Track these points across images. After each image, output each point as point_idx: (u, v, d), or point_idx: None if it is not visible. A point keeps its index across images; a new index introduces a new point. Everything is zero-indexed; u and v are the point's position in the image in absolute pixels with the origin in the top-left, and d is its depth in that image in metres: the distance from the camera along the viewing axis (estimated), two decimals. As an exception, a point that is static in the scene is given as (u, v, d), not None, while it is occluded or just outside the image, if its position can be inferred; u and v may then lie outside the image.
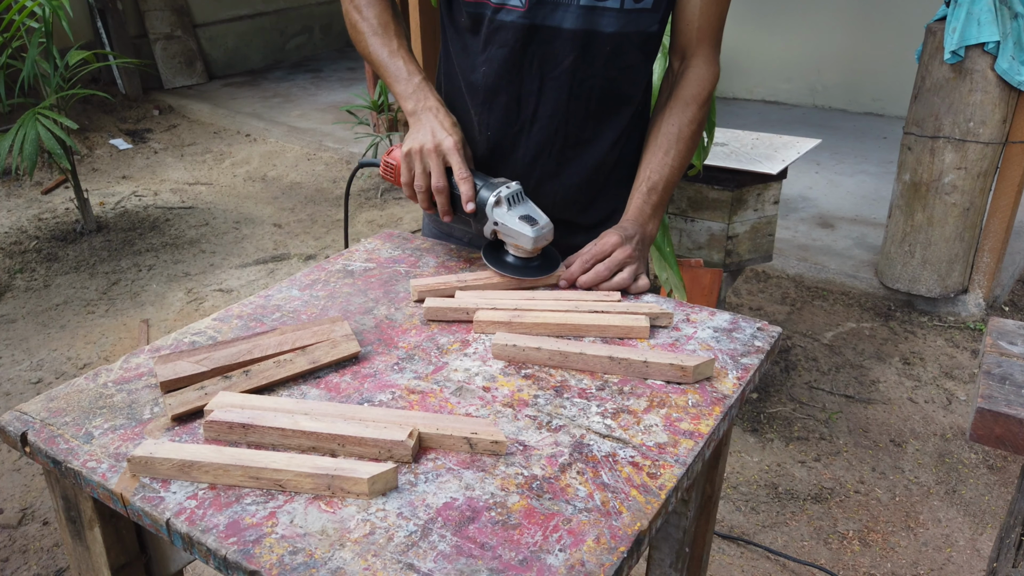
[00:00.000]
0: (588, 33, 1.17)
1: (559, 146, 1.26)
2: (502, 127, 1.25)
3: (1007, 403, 0.93)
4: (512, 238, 1.14)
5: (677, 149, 1.23)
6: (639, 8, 1.16)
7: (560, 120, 1.23)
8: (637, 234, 1.19)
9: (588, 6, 1.15)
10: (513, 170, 1.28)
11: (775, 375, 2.82)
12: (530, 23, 1.17)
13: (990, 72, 2.73)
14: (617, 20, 1.16)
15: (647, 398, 0.93)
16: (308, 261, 3.80)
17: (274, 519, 0.75)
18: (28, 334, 3.19)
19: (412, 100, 1.20)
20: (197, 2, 6.93)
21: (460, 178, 1.14)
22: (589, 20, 1.16)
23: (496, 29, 1.19)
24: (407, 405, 0.92)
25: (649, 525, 0.74)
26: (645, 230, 1.22)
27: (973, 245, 3.08)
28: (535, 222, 1.13)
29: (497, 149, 1.27)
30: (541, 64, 1.20)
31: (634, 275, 1.16)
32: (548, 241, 1.15)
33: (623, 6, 1.16)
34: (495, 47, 1.20)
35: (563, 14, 1.16)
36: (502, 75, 1.21)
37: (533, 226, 1.12)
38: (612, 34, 1.17)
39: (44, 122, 3.52)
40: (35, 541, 2.17)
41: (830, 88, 5.76)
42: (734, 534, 2.14)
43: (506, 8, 1.17)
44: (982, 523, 2.17)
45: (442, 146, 1.14)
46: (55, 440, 0.86)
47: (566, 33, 1.17)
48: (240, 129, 5.88)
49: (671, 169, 1.23)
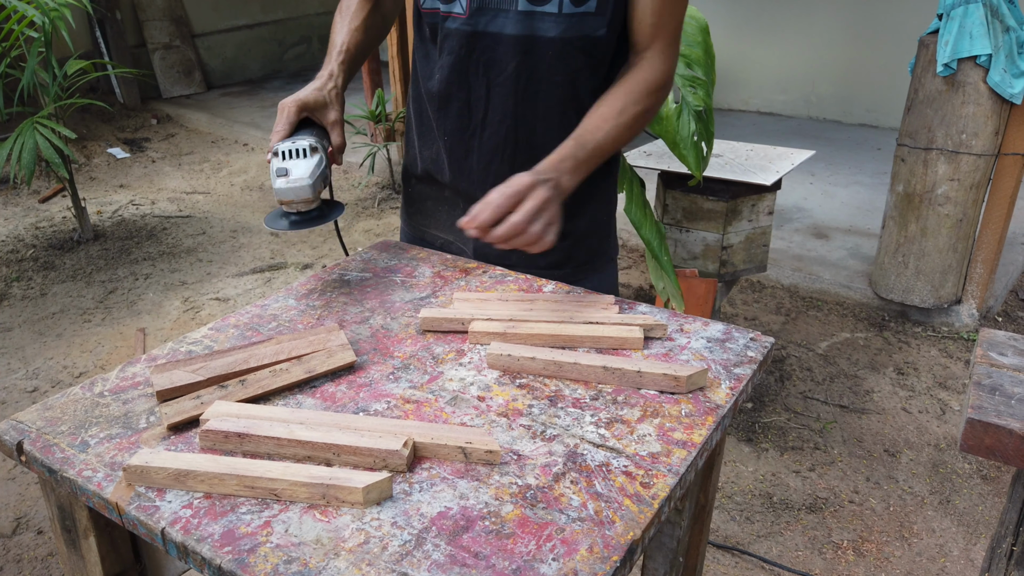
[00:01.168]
0: (529, 38, 1.19)
1: (511, 150, 1.28)
2: (456, 132, 1.30)
3: (997, 414, 0.94)
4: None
5: (617, 121, 1.18)
6: (581, 12, 1.18)
7: (510, 125, 1.26)
8: (552, 179, 1.09)
9: (527, 11, 1.18)
10: (470, 173, 1.32)
11: (770, 385, 2.82)
12: (472, 30, 1.21)
13: (982, 85, 2.76)
14: (557, 25, 1.18)
15: (640, 408, 0.93)
16: (305, 270, 3.81)
17: (269, 528, 0.75)
18: (24, 343, 3.18)
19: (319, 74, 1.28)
20: (196, 12, 6.96)
21: (274, 131, 1.20)
22: (529, 26, 1.18)
23: (445, 37, 1.24)
24: (402, 414, 0.92)
25: (642, 534, 0.75)
26: (560, 179, 1.11)
27: (966, 256, 3.10)
28: (286, 174, 1.14)
29: (453, 153, 1.32)
30: (487, 70, 1.23)
31: (547, 225, 1.05)
32: (299, 197, 1.14)
33: (562, 10, 1.17)
34: (445, 54, 1.25)
35: (503, 20, 1.19)
36: (452, 81, 1.26)
37: (281, 177, 1.14)
38: (553, 39, 1.19)
39: (42, 131, 3.53)
40: (29, 550, 2.16)
41: (825, 100, 5.80)
42: (728, 544, 2.14)
43: (452, 16, 1.22)
44: (976, 533, 2.18)
45: (284, 102, 1.21)
46: (51, 449, 0.86)
47: (507, 39, 1.20)
48: (238, 138, 5.89)
49: (605, 136, 1.16)
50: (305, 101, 1.21)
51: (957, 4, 2.71)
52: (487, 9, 1.19)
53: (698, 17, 2.07)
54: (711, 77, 2.15)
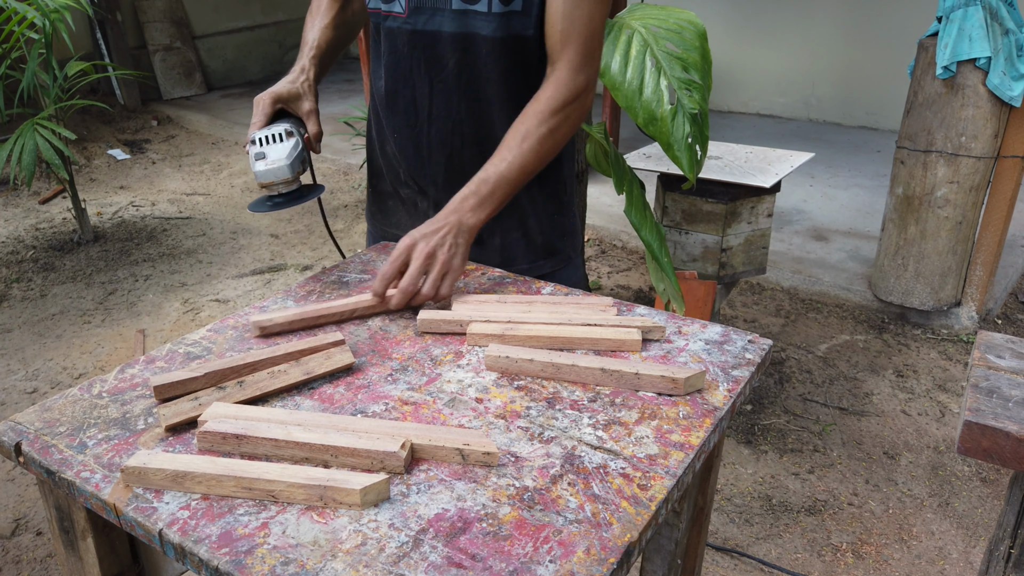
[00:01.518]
0: (467, 36, 1.22)
1: (459, 145, 1.31)
2: (404, 129, 1.33)
3: (994, 416, 0.94)
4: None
5: (519, 149, 1.18)
6: (509, 11, 1.20)
7: (455, 120, 1.29)
8: (446, 225, 1.13)
9: (460, 10, 1.20)
10: (420, 169, 1.34)
11: (769, 387, 2.82)
12: (412, 28, 1.24)
13: (981, 87, 2.76)
14: (489, 23, 1.20)
15: (638, 410, 0.94)
16: (305, 272, 3.81)
17: (266, 530, 0.75)
18: (24, 344, 3.19)
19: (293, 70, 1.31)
20: (196, 14, 6.97)
21: (251, 123, 1.24)
22: (465, 24, 1.21)
23: (387, 35, 1.27)
24: (400, 416, 0.92)
25: (639, 536, 0.75)
26: (460, 219, 1.15)
27: (966, 258, 3.10)
28: (264, 157, 1.19)
29: (404, 150, 1.34)
30: (428, 68, 1.26)
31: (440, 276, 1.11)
32: (278, 179, 1.19)
33: (491, 9, 1.20)
34: (387, 53, 1.28)
35: (441, 19, 1.22)
36: (397, 79, 1.29)
37: (260, 160, 1.18)
38: (489, 37, 1.21)
39: (43, 132, 3.53)
40: (28, 552, 2.16)
41: (824, 102, 5.80)
42: (727, 546, 2.14)
43: (392, 15, 1.25)
44: (975, 536, 2.18)
45: (259, 95, 1.25)
46: (49, 450, 0.86)
47: (446, 36, 1.22)
48: (238, 140, 5.90)
49: (508, 166, 1.18)
50: (279, 93, 1.24)
51: (956, 7, 2.71)
52: (425, 8, 1.22)
53: (696, 23, 2.08)
54: (707, 81, 2.16)
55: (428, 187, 1.35)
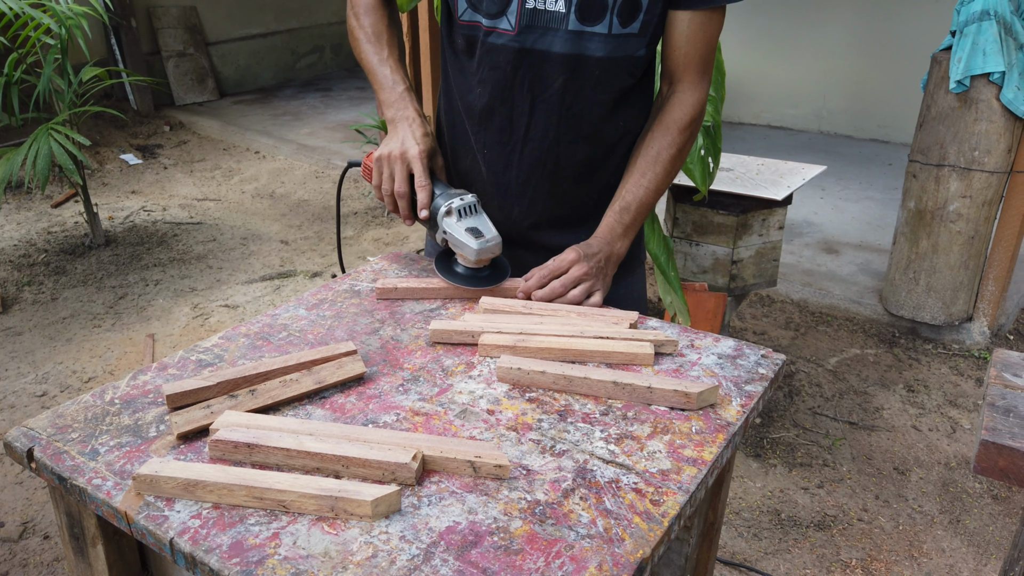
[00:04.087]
0: (577, 57, 1.19)
1: (552, 166, 1.28)
2: (496, 146, 1.29)
3: (1011, 436, 0.93)
4: (458, 248, 1.19)
5: (654, 172, 1.24)
6: (627, 33, 1.19)
7: (552, 141, 1.26)
8: (601, 252, 1.21)
9: (576, 31, 1.18)
10: (508, 188, 1.31)
11: (778, 400, 2.81)
12: (520, 46, 1.20)
13: (995, 102, 2.75)
14: (605, 45, 1.19)
15: (651, 424, 0.93)
16: (315, 278, 3.82)
17: (277, 540, 0.75)
18: (34, 347, 3.20)
19: (393, 108, 1.25)
20: (210, 21, 7.02)
21: (419, 186, 1.20)
22: (578, 45, 1.18)
23: (488, 51, 1.23)
24: (411, 427, 0.92)
25: (652, 553, 0.75)
26: (612, 248, 1.23)
27: (978, 273, 3.08)
28: (481, 235, 1.16)
29: (492, 167, 1.31)
30: (532, 86, 1.23)
31: (587, 292, 1.18)
32: (493, 255, 1.18)
33: (611, 32, 1.18)
34: (487, 69, 1.24)
35: (552, 38, 1.19)
36: (495, 96, 1.25)
37: (478, 238, 1.16)
38: (601, 59, 1.19)
39: (57, 137, 3.56)
40: (35, 555, 2.17)
41: (836, 114, 5.79)
42: (736, 560, 2.12)
43: (497, 31, 1.21)
44: (986, 554, 2.15)
45: (407, 154, 1.20)
46: (61, 457, 0.86)
47: (555, 57, 1.19)
48: (249, 146, 5.93)
49: (646, 191, 1.24)
50: (430, 151, 1.22)
51: (970, 21, 2.71)
52: (536, 27, 1.19)
53: (710, 32, 2.08)
54: (721, 93, 2.16)
55: (513, 206, 1.33)
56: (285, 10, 7.64)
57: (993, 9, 2.66)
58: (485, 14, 1.20)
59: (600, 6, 1.16)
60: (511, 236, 1.33)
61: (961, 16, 2.74)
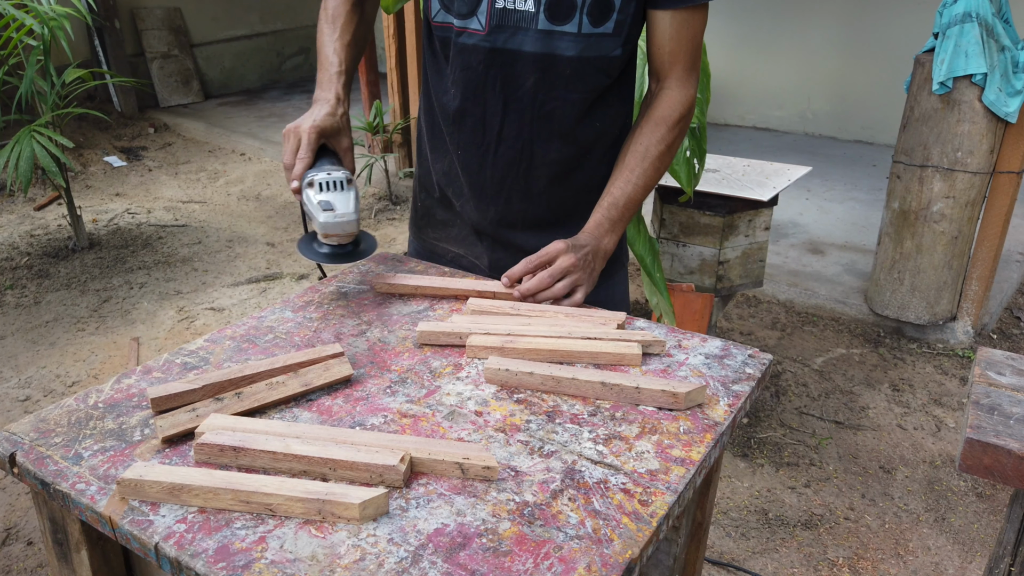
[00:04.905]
0: (548, 56, 1.19)
1: (526, 166, 1.28)
2: (470, 147, 1.29)
3: (995, 434, 0.94)
4: (310, 221, 1.16)
5: (643, 168, 1.24)
6: (599, 33, 1.18)
7: (525, 140, 1.26)
8: (588, 246, 1.21)
9: (546, 30, 1.18)
10: (483, 188, 1.31)
11: (765, 400, 2.82)
12: (491, 46, 1.20)
13: (977, 103, 2.78)
14: (575, 44, 1.18)
15: (639, 424, 0.93)
16: (301, 281, 3.80)
17: (264, 544, 0.74)
18: (17, 351, 3.17)
19: (319, 89, 1.25)
20: (195, 22, 6.98)
21: (298, 158, 1.18)
22: (548, 44, 1.19)
23: (460, 51, 1.23)
24: (399, 429, 0.92)
25: (640, 553, 0.75)
26: (600, 243, 1.23)
27: (961, 273, 3.11)
28: (332, 208, 1.13)
29: (467, 168, 1.31)
30: (504, 86, 1.23)
31: (572, 285, 1.18)
32: (344, 232, 1.14)
33: (580, 31, 1.18)
34: (459, 69, 1.24)
35: (523, 38, 1.19)
36: (467, 96, 1.25)
37: (327, 211, 1.13)
38: (572, 58, 1.19)
39: (39, 139, 3.52)
40: (18, 562, 2.14)
41: (820, 116, 5.83)
42: (724, 560, 2.13)
43: (468, 31, 1.21)
44: (971, 551, 2.17)
45: (300, 127, 1.18)
46: (44, 461, 0.85)
47: (526, 56, 1.20)
48: (235, 148, 5.89)
49: (634, 187, 1.24)
50: (322, 127, 1.19)
51: (953, 23, 2.73)
52: (506, 26, 1.19)
53: (696, 34, 2.09)
54: (706, 95, 2.16)
55: (489, 206, 1.33)
56: (270, 12, 7.61)
57: (975, 11, 2.69)
58: (456, 14, 1.21)
59: (568, 5, 1.16)
60: (488, 236, 1.33)
61: (943, 18, 2.77)
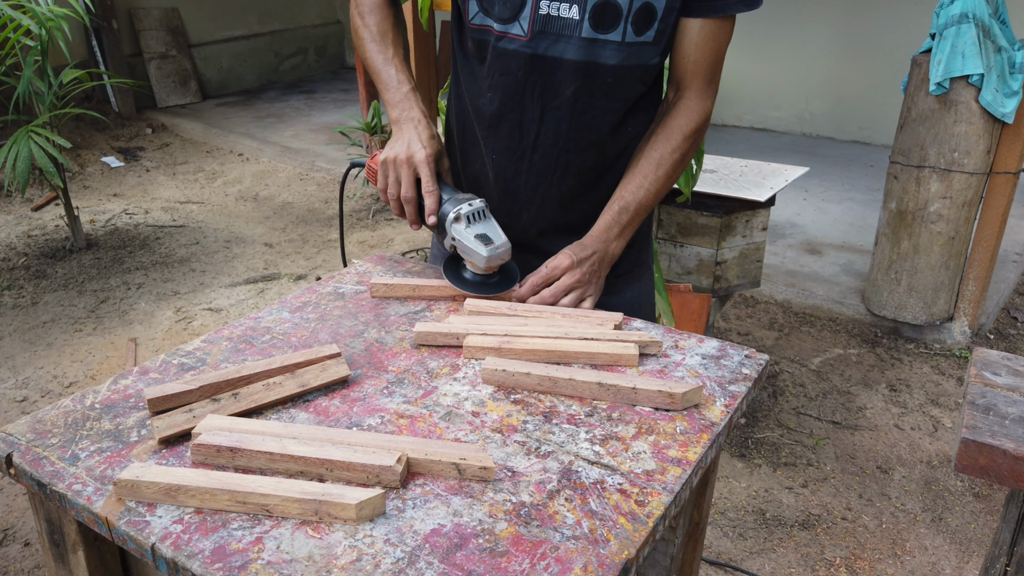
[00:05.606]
0: (589, 64, 1.18)
1: (561, 173, 1.27)
2: (505, 152, 1.28)
3: (991, 434, 0.94)
4: (467, 255, 1.17)
5: (655, 175, 1.24)
6: (641, 41, 1.18)
7: (562, 148, 1.25)
8: (596, 252, 1.21)
9: (589, 38, 1.16)
10: (516, 194, 1.30)
11: (763, 400, 2.82)
12: (532, 52, 1.18)
13: (974, 104, 2.78)
14: (618, 53, 1.18)
15: (635, 424, 0.93)
16: (299, 281, 3.80)
17: (260, 544, 0.74)
18: (14, 352, 3.16)
19: (397, 109, 1.24)
20: (192, 22, 6.97)
21: (426, 191, 1.18)
22: (590, 52, 1.17)
23: (499, 56, 1.21)
24: (396, 430, 0.92)
25: (636, 553, 0.75)
26: (607, 248, 1.23)
27: (958, 273, 3.12)
28: (490, 241, 1.15)
29: (501, 173, 1.30)
30: (543, 93, 1.21)
31: (579, 299, 1.18)
32: (503, 261, 1.17)
33: (624, 39, 1.17)
34: (498, 74, 1.22)
35: (564, 45, 1.17)
36: (505, 102, 1.23)
37: (487, 245, 1.14)
38: (613, 66, 1.18)
39: (37, 140, 3.52)
40: (15, 563, 2.14)
41: (818, 116, 5.84)
42: (722, 560, 2.13)
43: (508, 36, 1.19)
44: (968, 551, 2.18)
45: (414, 158, 1.18)
46: (40, 462, 0.85)
47: (567, 64, 1.18)
48: (233, 148, 5.89)
49: (646, 193, 1.24)
50: (435, 155, 1.20)
51: (950, 24, 2.74)
52: (548, 33, 1.17)
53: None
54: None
55: (521, 212, 1.32)
56: (268, 12, 7.61)
57: (972, 12, 2.70)
58: (497, 19, 1.19)
59: (614, 14, 1.15)
60: (519, 242, 1.32)
61: (940, 19, 2.78)
